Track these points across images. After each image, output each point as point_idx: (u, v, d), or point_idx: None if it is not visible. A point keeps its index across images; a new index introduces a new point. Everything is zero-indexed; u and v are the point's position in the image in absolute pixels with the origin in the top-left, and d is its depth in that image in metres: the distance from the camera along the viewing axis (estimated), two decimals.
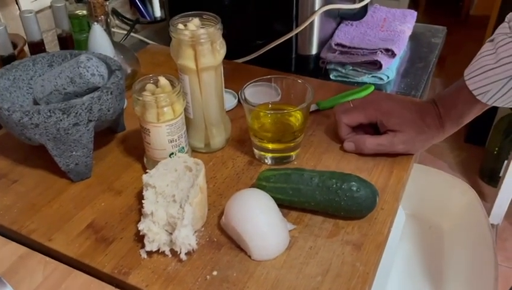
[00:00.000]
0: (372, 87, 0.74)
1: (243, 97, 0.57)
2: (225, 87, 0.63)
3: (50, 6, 0.77)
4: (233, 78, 0.70)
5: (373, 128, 0.61)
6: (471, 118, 0.56)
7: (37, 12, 0.79)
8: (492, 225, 1.54)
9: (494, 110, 1.69)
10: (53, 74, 0.57)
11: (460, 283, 0.66)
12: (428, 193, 0.76)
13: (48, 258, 0.48)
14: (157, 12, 1.05)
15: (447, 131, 0.57)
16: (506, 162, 1.45)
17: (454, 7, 2.94)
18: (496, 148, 1.62)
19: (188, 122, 0.60)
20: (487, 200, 1.59)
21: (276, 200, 0.51)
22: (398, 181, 0.56)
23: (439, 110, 0.57)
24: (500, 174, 1.52)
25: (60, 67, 0.57)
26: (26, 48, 0.76)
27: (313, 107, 0.70)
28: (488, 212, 1.51)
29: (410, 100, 0.62)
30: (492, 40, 0.52)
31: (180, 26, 0.55)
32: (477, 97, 0.52)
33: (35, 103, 0.60)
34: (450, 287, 0.66)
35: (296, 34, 0.80)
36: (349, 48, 0.81)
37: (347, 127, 0.61)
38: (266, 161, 0.60)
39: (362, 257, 0.47)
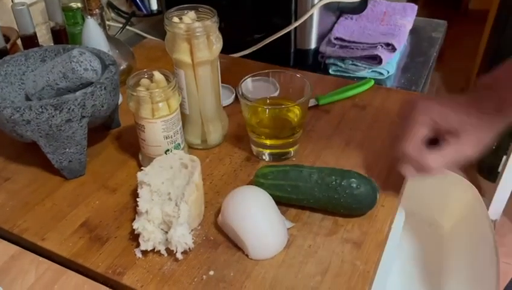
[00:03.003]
0: (372, 82, 0.72)
1: (240, 92, 0.56)
2: (222, 82, 0.62)
3: None
4: (231, 73, 0.69)
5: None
6: None
7: (30, 5, 0.77)
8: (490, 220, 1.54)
9: None
10: (45, 69, 0.56)
11: (462, 282, 0.65)
12: (429, 190, 0.75)
13: (40, 258, 0.47)
14: (154, 5, 1.03)
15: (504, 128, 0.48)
16: (505, 157, 1.44)
17: (453, 0, 2.92)
18: (495, 144, 1.61)
19: (184, 118, 0.58)
20: (486, 196, 1.58)
21: (274, 197, 0.50)
22: (399, 178, 0.55)
23: (497, 94, 0.47)
24: (499, 170, 1.51)
25: (52, 62, 0.56)
26: (19, 42, 0.75)
27: (312, 102, 0.68)
28: (487, 208, 1.51)
29: (453, 95, 0.52)
30: None
31: (175, 19, 0.53)
32: None
33: (28, 98, 0.59)
34: (451, 285, 0.66)
35: (295, 28, 0.78)
36: (349, 42, 0.80)
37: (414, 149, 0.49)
38: (264, 158, 0.59)
39: (362, 256, 0.46)
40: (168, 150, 0.55)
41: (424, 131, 0.49)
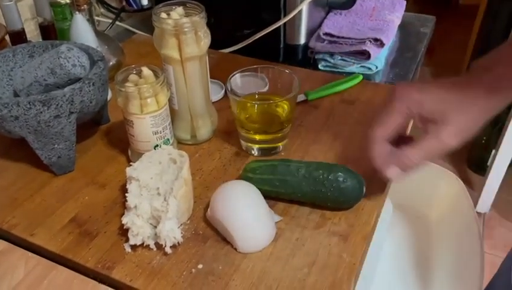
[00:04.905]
0: (361, 77, 0.73)
1: (229, 88, 0.57)
2: (212, 78, 0.62)
3: None
4: (221, 69, 0.69)
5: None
6: None
7: (18, 0, 0.76)
8: (479, 213, 1.56)
9: None
10: (33, 65, 0.56)
11: (448, 272, 0.66)
12: (416, 183, 0.76)
13: (29, 254, 0.47)
14: (144, 0, 1.03)
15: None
16: (494, 151, 1.46)
17: None
18: (484, 138, 1.63)
19: (173, 113, 0.59)
20: (475, 189, 1.61)
21: (263, 191, 0.50)
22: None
23: (494, 71, 0.44)
24: (488, 163, 1.53)
25: (40, 58, 0.56)
26: (7, 37, 0.74)
27: (301, 98, 0.69)
28: (476, 201, 1.53)
29: (442, 79, 0.47)
30: None
31: (163, 15, 0.53)
32: None
33: (16, 95, 0.59)
34: (437, 277, 0.67)
35: (284, 23, 0.79)
36: (338, 37, 0.81)
37: (383, 141, 0.48)
38: (253, 152, 0.60)
39: (349, 248, 0.47)
40: (157, 146, 0.55)
41: (397, 119, 0.46)
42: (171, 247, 0.46)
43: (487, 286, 0.70)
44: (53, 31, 0.76)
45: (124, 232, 0.47)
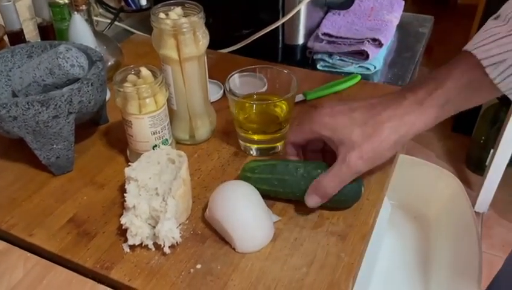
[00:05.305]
0: (359, 77, 0.73)
1: (228, 88, 0.57)
2: (211, 78, 0.62)
3: None
4: (219, 69, 0.69)
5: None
6: (460, 107, 0.46)
7: (17, 0, 0.77)
8: (478, 213, 1.56)
9: None
10: (32, 65, 0.56)
11: (446, 272, 0.66)
12: (414, 183, 0.76)
13: (28, 254, 0.47)
14: (143, 0, 1.03)
15: (428, 119, 0.46)
16: (492, 151, 1.47)
17: None
18: (483, 138, 1.63)
19: (172, 113, 0.59)
20: (473, 189, 1.61)
21: (261, 191, 0.50)
22: (384, 171, 0.56)
23: (418, 94, 0.46)
24: (486, 163, 1.54)
25: (38, 58, 0.56)
26: (6, 38, 0.74)
27: (299, 98, 0.69)
28: (474, 201, 1.53)
29: (370, 100, 0.49)
30: (497, 18, 0.44)
31: (162, 15, 0.53)
32: (487, 70, 0.42)
33: (14, 95, 0.59)
34: (436, 276, 0.67)
35: (283, 24, 0.79)
36: (336, 37, 0.81)
37: (292, 145, 0.53)
38: (252, 152, 0.60)
39: (347, 248, 0.47)
40: (155, 146, 0.55)
41: (307, 135, 0.51)
42: (169, 247, 0.46)
43: (489, 285, 0.70)
44: (52, 32, 0.76)
45: (122, 232, 0.48)
